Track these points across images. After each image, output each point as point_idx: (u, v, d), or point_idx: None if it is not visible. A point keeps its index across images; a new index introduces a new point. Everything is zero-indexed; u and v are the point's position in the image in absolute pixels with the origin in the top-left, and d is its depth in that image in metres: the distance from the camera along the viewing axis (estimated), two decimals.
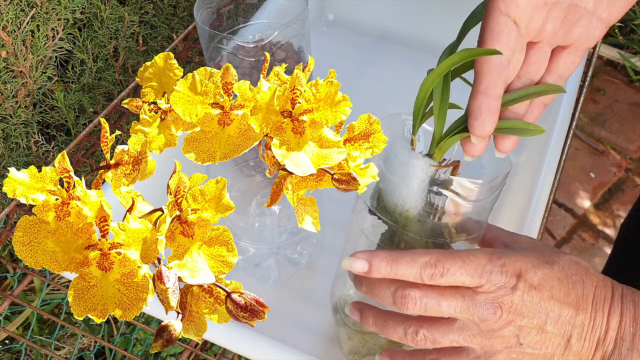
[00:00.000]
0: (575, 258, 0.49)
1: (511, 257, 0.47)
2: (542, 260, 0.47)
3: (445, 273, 0.46)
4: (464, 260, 0.46)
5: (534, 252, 0.48)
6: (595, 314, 0.46)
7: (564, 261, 0.48)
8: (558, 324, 0.46)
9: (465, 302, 0.47)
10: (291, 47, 0.72)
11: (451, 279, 0.46)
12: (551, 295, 0.46)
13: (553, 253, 0.49)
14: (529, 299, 0.46)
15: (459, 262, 0.46)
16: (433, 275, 0.46)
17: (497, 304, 0.46)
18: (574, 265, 0.48)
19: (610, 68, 1.96)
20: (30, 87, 0.89)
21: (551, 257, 0.48)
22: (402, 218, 0.50)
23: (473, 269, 0.46)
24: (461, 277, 0.46)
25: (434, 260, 0.46)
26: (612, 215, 1.64)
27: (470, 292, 0.47)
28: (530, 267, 0.46)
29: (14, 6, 0.80)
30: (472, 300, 0.47)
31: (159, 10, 1.08)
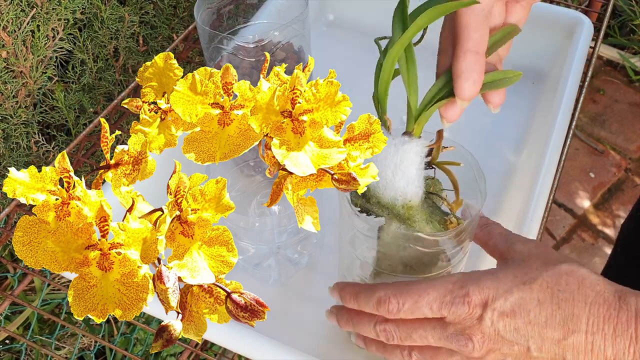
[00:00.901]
0: (567, 268, 0.43)
1: (478, 284, 0.43)
2: (519, 281, 0.43)
3: (401, 308, 0.45)
4: (419, 294, 0.44)
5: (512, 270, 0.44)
6: (593, 336, 0.40)
7: (551, 276, 0.43)
8: (544, 349, 0.42)
9: (436, 332, 0.45)
10: (291, 47, 0.72)
11: (410, 313, 0.45)
12: (528, 320, 0.42)
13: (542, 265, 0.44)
14: (502, 327, 0.42)
15: (414, 297, 0.44)
16: (389, 311, 0.45)
17: (467, 335, 0.43)
18: (564, 278, 0.42)
19: (610, 68, 1.96)
20: (31, 87, 0.89)
21: (534, 272, 0.43)
22: (406, 210, 0.48)
23: (432, 300, 0.44)
24: (421, 309, 0.44)
25: (387, 296, 0.45)
26: (612, 215, 1.64)
27: (440, 322, 0.45)
28: (500, 293, 0.43)
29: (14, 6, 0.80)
30: (443, 330, 0.45)
31: (159, 11, 1.08)
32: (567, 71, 0.76)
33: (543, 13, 0.85)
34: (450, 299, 0.44)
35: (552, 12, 0.85)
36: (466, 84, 0.44)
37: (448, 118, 0.47)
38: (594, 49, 0.84)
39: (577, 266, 0.43)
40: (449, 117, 0.47)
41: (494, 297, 0.42)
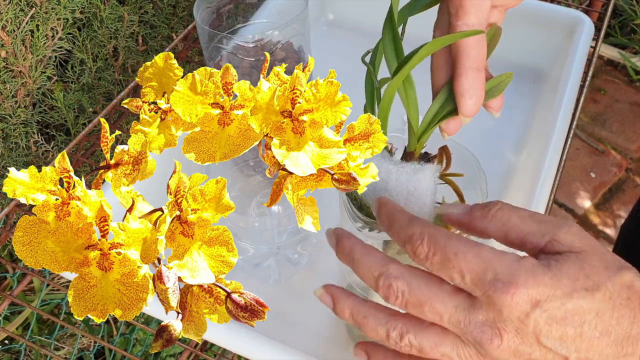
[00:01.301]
0: (630, 279, 0.36)
1: (534, 276, 0.36)
2: (580, 286, 0.36)
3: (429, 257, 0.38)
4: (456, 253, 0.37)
5: (571, 269, 0.36)
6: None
7: (614, 285, 0.36)
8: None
9: (458, 313, 0.37)
10: (291, 47, 0.72)
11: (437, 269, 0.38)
12: (580, 332, 0.35)
13: (603, 269, 0.37)
14: (545, 333, 0.35)
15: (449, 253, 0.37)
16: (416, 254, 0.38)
17: (497, 329, 0.36)
18: (625, 291, 0.36)
19: (610, 68, 1.96)
20: (30, 87, 0.89)
21: (596, 277, 0.36)
22: None
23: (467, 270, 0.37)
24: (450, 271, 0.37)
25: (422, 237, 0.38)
26: (613, 215, 1.64)
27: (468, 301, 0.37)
28: (557, 295, 0.35)
29: (13, 6, 0.80)
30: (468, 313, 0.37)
31: (159, 10, 1.08)
32: (568, 71, 0.76)
33: (543, 12, 0.85)
34: (492, 280, 0.36)
35: (552, 12, 0.85)
36: (470, 102, 0.43)
37: (449, 132, 0.46)
38: (594, 49, 0.84)
39: (636, 276, 0.37)
40: (450, 131, 0.46)
41: (548, 298, 0.35)
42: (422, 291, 0.38)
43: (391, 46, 0.47)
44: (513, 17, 0.85)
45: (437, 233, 0.38)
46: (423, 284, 0.38)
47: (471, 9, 0.43)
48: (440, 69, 0.47)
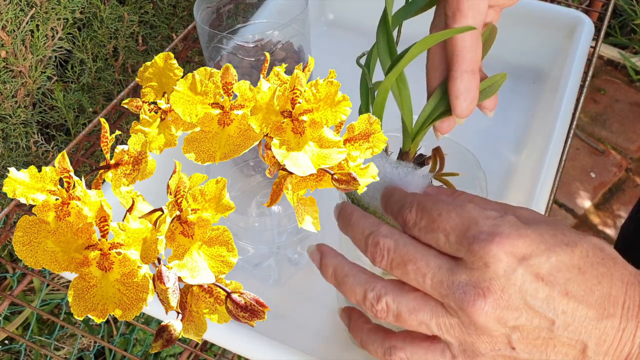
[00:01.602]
0: (598, 242, 0.36)
1: (518, 229, 0.35)
2: (560, 241, 0.35)
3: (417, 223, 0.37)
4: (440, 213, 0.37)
5: (549, 227, 0.36)
6: (627, 323, 0.34)
7: (589, 244, 0.36)
8: (570, 329, 0.34)
9: (440, 273, 0.36)
10: (291, 47, 0.72)
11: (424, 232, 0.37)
12: (565, 290, 0.34)
13: (573, 232, 0.36)
14: (531, 292, 0.34)
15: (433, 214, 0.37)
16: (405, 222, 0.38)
17: (481, 289, 0.34)
18: (599, 252, 0.36)
19: (610, 68, 1.96)
20: (30, 87, 0.89)
21: (572, 236, 0.36)
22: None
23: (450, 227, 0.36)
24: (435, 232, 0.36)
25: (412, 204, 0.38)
26: (613, 216, 1.64)
27: (450, 262, 0.36)
28: (542, 250, 0.35)
29: (13, 6, 0.80)
30: (450, 273, 0.35)
31: (159, 10, 1.08)
32: (568, 71, 0.76)
33: (543, 12, 0.85)
34: (476, 233, 0.35)
35: (552, 12, 0.85)
36: (464, 104, 0.44)
37: (442, 131, 0.47)
38: (594, 49, 0.84)
39: (604, 242, 0.37)
40: (444, 131, 0.47)
41: (533, 252, 0.34)
42: (408, 249, 0.37)
43: (385, 49, 0.47)
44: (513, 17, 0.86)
45: (425, 199, 0.38)
46: (409, 243, 0.38)
47: (468, 11, 0.43)
48: (435, 69, 0.48)
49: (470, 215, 0.36)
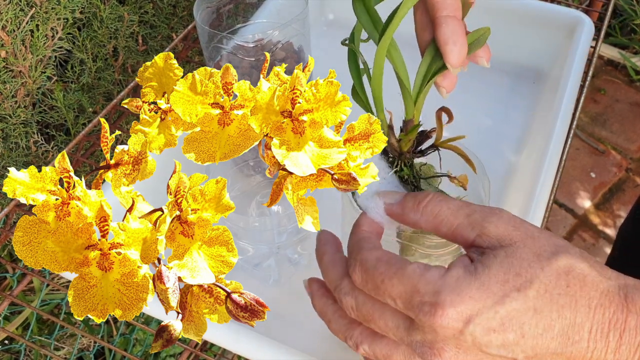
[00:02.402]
0: (566, 265, 0.36)
1: (459, 292, 0.35)
2: (511, 287, 0.35)
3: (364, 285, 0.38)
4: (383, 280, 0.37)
5: (499, 270, 0.35)
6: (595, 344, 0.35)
7: (549, 277, 0.35)
8: (536, 358, 0.35)
9: (399, 332, 0.37)
10: (291, 47, 0.72)
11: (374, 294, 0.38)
12: (521, 334, 0.34)
13: (534, 260, 0.36)
14: (485, 343, 0.35)
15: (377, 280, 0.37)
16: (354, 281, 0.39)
17: (436, 349, 0.36)
18: (564, 278, 0.35)
19: (610, 68, 1.96)
20: (30, 87, 0.89)
21: (528, 272, 0.35)
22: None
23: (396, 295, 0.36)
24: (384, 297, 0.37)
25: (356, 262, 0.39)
26: (613, 216, 1.64)
27: (406, 321, 0.37)
28: (488, 306, 0.34)
29: (13, 6, 0.80)
30: (407, 333, 0.37)
31: (159, 10, 1.08)
32: (568, 71, 0.76)
33: (544, 12, 0.85)
34: (418, 304, 0.35)
35: (552, 12, 0.85)
36: (455, 48, 0.44)
37: (446, 87, 0.46)
38: (594, 49, 0.84)
39: (574, 259, 0.36)
40: (447, 86, 0.46)
41: (479, 311, 0.34)
42: (367, 309, 0.38)
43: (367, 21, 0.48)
44: (513, 17, 0.86)
45: (367, 259, 0.38)
46: (367, 302, 0.39)
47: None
48: (424, 29, 0.48)
49: (412, 283, 0.36)
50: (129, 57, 1.05)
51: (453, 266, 0.37)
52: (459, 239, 0.39)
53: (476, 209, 0.39)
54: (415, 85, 0.47)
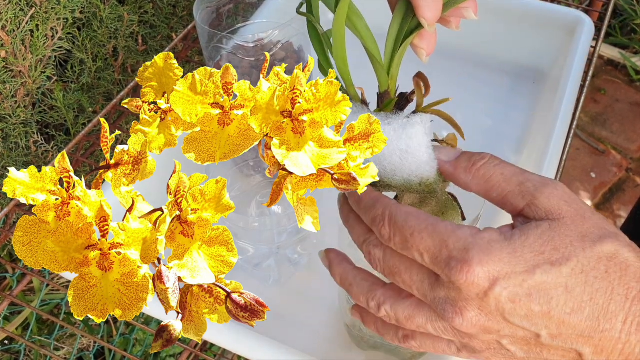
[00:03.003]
0: (610, 250, 0.34)
1: (489, 252, 0.34)
2: (545, 259, 0.33)
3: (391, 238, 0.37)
4: (412, 233, 0.36)
5: (536, 240, 0.34)
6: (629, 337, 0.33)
7: (589, 258, 0.33)
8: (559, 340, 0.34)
9: (423, 286, 0.36)
10: (291, 47, 0.72)
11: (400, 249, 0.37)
12: (547, 309, 0.33)
13: (578, 239, 0.34)
14: (509, 310, 0.34)
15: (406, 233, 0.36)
16: (381, 235, 0.37)
17: (458, 308, 0.35)
18: (604, 263, 0.33)
19: (611, 68, 1.96)
20: (30, 87, 0.89)
21: (567, 249, 0.34)
22: (425, 187, 0.42)
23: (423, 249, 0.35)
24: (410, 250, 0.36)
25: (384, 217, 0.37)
26: (613, 216, 1.63)
27: (431, 277, 0.36)
28: (517, 272, 0.33)
29: (13, 5, 0.80)
30: (431, 289, 0.36)
31: (159, 10, 1.08)
32: (568, 71, 0.76)
33: (544, 12, 0.85)
34: (446, 258, 0.34)
35: (553, 12, 0.85)
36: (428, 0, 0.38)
37: (426, 49, 0.41)
38: (595, 49, 0.84)
39: (621, 245, 0.34)
40: (427, 47, 0.41)
41: (507, 275, 0.33)
42: (394, 262, 0.38)
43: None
44: (513, 17, 0.86)
45: (397, 212, 0.37)
46: (395, 255, 0.38)
47: None
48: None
49: (441, 237, 0.35)
50: (129, 57, 1.05)
51: (488, 229, 0.36)
52: (507, 206, 0.38)
53: (530, 178, 0.37)
54: (387, 51, 0.41)
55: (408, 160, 0.41)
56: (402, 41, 0.40)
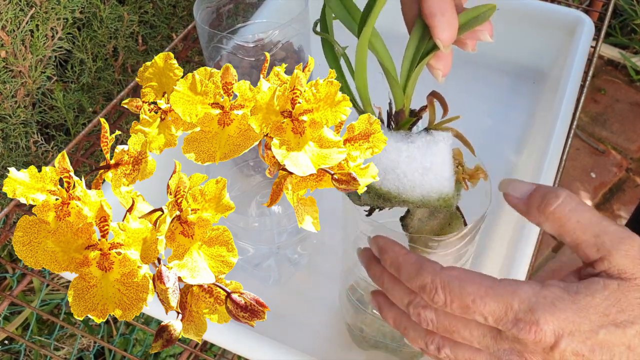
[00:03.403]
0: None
1: (554, 311, 0.35)
2: (609, 321, 0.34)
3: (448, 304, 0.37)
4: (474, 300, 0.36)
5: (602, 301, 0.35)
6: None
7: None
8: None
9: (485, 341, 0.37)
10: (291, 47, 0.72)
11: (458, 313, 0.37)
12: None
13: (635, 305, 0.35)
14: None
15: (466, 300, 0.36)
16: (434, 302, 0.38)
17: (524, 357, 0.36)
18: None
19: (611, 68, 1.96)
20: (30, 87, 0.89)
21: (633, 311, 0.34)
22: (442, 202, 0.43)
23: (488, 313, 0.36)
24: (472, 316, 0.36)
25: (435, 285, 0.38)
26: (613, 216, 1.63)
27: (493, 331, 0.37)
28: (582, 331, 0.34)
29: (13, 5, 0.80)
30: (495, 342, 0.37)
31: (159, 10, 1.07)
32: (568, 71, 0.76)
33: (544, 12, 0.85)
34: (513, 320, 0.35)
35: (553, 12, 0.85)
36: (443, 19, 0.39)
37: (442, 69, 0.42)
38: (595, 49, 0.84)
39: None
40: (443, 68, 0.42)
41: (572, 332, 0.34)
42: (450, 321, 0.38)
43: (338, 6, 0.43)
44: (513, 17, 0.86)
45: (449, 279, 0.38)
46: (450, 315, 0.38)
47: None
48: (409, 6, 0.44)
49: (505, 300, 0.36)
50: (129, 57, 1.05)
51: (550, 283, 0.36)
52: (579, 253, 0.38)
53: (607, 230, 0.37)
54: (403, 71, 0.43)
55: (429, 177, 0.42)
56: (418, 61, 0.41)
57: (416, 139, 0.43)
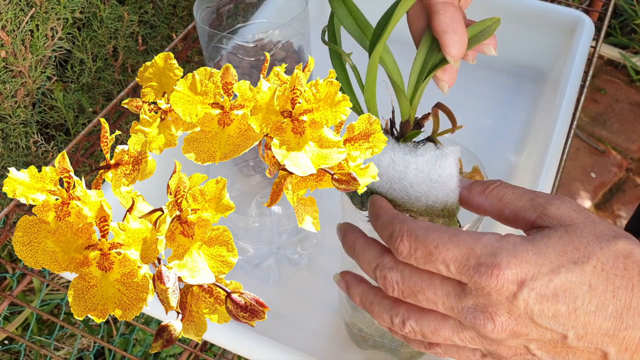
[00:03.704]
0: (625, 248, 0.35)
1: (515, 254, 0.35)
2: (568, 259, 0.35)
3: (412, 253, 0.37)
4: (436, 245, 0.36)
5: (558, 242, 0.36)
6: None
7: (607, 256, 0.35)
8: (585, 340, 0.35)
9: (449, 300, 0.37)
10: (291, 47, 0.72)
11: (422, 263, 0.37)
12: (573, 307, 0.34)
13: (594, 240, 0.36)
14: (537, 311, 0.35)
15: (429, 246, 0.36)
16: (399, 252, 0.38)
17: (489, 313, 0.36)
18: (622, 261, 0.35)
19: (611, 68, 1.96)
20: (30, 87, 0.89)
21: (586, 248, 0.35)
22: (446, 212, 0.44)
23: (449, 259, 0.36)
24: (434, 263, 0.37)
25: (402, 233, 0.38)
26: (613, 216, 1.63)
27: (457, 288, 0.37)
28: (543, 272, 0.35)
29: (13, 5, 0.80)
30: (458, 300, 0.37)
31: (159, 10, 1.08)
32: (568, 71, 0.76)
33: (544, 12, 0.85)
34: (475, 265, 0.35)
35: (553, 12, 0.85)
36: (455, 37, 0.41)
37: (448, 81, 0.43)
38: (595, 49, 0.84)
39: (634, 244, 0.36)
40: (449, 80, 0.43)
41: (534, 276, 0.35)
42: (414, 281, 0.38)
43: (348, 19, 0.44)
44: (513, 17, 0.86)
45: (415, 227, 0.38)
46: (414, 273, 0.39)
47: None
48: (417, 19, 0.46)
49: (467, 245, 0.36)
50: (129, 57, 1.05)
51: (510, 234, 0.37)
52: (520, 221, 0.39)
53: (539, 194, 0.40)
54: (410, 83, 0.44)
55: (436, 189, 0.43)
56: (426, 75, 0.43)
57: (425, 152, 0.43)
